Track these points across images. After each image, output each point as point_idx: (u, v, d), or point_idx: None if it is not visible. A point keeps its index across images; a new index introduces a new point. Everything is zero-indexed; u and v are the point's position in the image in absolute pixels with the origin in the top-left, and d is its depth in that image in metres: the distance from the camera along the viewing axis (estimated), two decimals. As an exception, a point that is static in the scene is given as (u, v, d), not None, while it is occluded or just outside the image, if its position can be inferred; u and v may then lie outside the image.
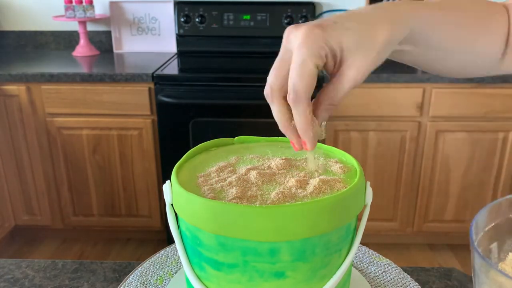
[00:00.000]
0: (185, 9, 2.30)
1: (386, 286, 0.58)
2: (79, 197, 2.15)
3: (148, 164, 2.07)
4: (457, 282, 0.62)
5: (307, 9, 2.28)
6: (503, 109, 1.94)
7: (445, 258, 2.17)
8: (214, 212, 0.40)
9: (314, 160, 0.49)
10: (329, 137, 2.01)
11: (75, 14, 2.24)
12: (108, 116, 2.00)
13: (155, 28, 2.40)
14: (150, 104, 1.96)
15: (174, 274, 0.61)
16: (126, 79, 1.93)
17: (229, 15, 2.30)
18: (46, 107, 1.99)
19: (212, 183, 0.46)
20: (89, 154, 2.07)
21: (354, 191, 0.43)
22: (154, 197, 2.13)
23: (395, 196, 2.11)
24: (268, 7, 2.29)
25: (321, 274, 0.44)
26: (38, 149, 2.07)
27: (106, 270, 0.66)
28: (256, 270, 0.42)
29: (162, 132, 1.98)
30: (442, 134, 1.99)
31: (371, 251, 0.65)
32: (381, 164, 2.05)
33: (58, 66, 2.12)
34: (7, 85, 1.97)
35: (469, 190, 2.08)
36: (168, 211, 0.47)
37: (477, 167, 2.04)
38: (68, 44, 2.47)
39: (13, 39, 2.47)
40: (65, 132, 2.04)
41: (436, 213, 2.13)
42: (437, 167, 2.04)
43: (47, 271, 0.66)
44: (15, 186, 2.14)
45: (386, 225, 2.16)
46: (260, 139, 0.57)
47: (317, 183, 0.45)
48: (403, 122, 1.98)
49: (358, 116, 1.97)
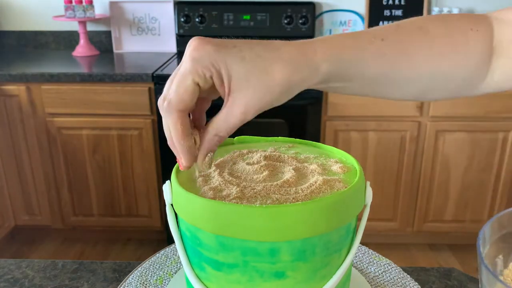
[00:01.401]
0: (185, 9, 2.30)
1: (386, 286, 0.58)
2: (79, 197, 2.15)
3: (148, 164, 2.07)
4: (457, 282, 0.62)
5: (307, 9, 2.28)
6: (503, 109, 1.94)
7: (445, 258, 2.17)
8: (214, 212, 0.40)
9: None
10: (329, 137, 2.01)
11: (75, 14, 2.24)
12: (108, 116, 2.00)
13: (155, 28, 2.40)
14: (150, 104, 1.96)
15: (174, 274, 0.61)
16: (126, 79, 1.93)
17: (229, 15, 2.30)
18: (46, 107, 1.99)
19: (212, 183, 0.46)
20: (89, 154, 2.07)
21: (354, 191, 0.43)
22: (154, 197, 2.13)
23: (395, 196, 2.11)
24: (268, 7, 2.29)
25: (321, 274, 0.44)
26: (38, 149, 2.06)
27: (106, 270, 0.66)
28: (256, 270, 0.42)
29: (162, 132, 1.96)
30: (442, 134, 1.99)
31: (371, 251, 0.65)
32: (381, 164, 2.05)
33: (58, 66, 2.12)
34: (7, 85, 1.97)
35: (469, 190, 2.08)
36: (168, 211, 0.47)
37: (477, 167, 2.04)
38: (68, 44, 2.47)
39: (13, 39, 2.47)
40: (65, 132, 2.04)
41: (436, 213, 2.13)
42: (437, 167, 2.04)
43: (47, 271, 0.66)
44: (15, 186, 2.14)
45: (386, 225, 2.16)
46: (260, 139, 0.57)
47: (316, 178, 0.45)
48: (403, 122, 1.98)
49: (358, 116, 1.97)
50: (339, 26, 2.38)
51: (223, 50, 0.38)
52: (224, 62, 0.38)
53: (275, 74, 0.39)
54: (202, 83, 0.39)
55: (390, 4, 2.30)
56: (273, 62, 0.39)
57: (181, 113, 0.40)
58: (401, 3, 2.30)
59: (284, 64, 0.40)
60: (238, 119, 0.40)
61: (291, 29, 2.29)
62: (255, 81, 0.39)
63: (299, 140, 0.57)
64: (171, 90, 0.39)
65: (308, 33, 2.29)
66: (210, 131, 0.42)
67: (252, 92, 0.39)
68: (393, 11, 2.31)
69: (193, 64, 0.38)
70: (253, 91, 0.39)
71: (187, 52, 0.39)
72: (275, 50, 0.40)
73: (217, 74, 0.39)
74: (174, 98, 0.39)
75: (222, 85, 0.39)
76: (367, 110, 1.95)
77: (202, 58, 0.38)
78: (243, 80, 0.39)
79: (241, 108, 0.39)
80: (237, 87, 0.39)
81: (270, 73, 0.39)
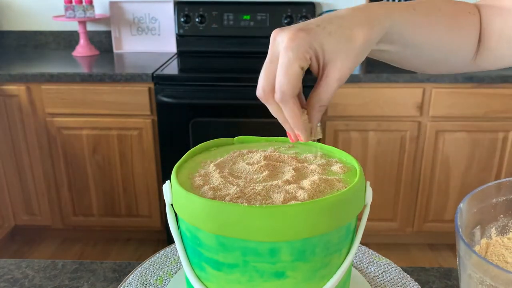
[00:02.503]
0: (185, 9, 2.30)
1: (386, 286, 0.58)
2: (79, 197, 2.15)
3: (148, 164, 2.07)
4: (457, 282, 0.62)
5: (307, 9, 2.28)
6: (503, 109, 1.93)
7: (445, 258, 2.17)
8: (214, 212, 0.40)
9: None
10: (329, 137, 2.01)
11: (75, 14, 2.24)
12: (108, 116, 2.00)
13: (155, 28, 2.40)
14: (150, 104, 1.96)
15: (174, 274, 0.61)
16: (126, 79, 1.93)
17: (229, 15, 2.30)
18: (46, 107, 1.99)
19: (212, 183, 0.46)
20: (89, 154, 2.07)
21: (354, 191, 0.43)
22: (154, 197, 2.13)
23: (395, 196, 2.11)
24: (268, 7, 2.29)
25: (321, 274, 0.44)
26: (38, 149, 2.06)
27: (106, 270, 0.66)
28: (256, 270, 0.42)
29: (162, 132, 1.98)
30: (442, 134, 1.99)
31: (371, 251, 0.65)
32: (381, 164, 2.05)
33: (58, 66, 2.12)
34: (7, 85, 1.97)
35: (469, 190, 2.07)
36: (168, 211, 0.47)
37: (477, 167, 2.04)
38: (68, 44, 2.47)
39: (13, 39, 2.47)
40: (65, 132, 2.04)
41: (436, 213, 2.13)
42: (437, 167, 2.04)
43: (47, 271, 0.66)
44: (15, 186, 2.14)
45: (386, 225, 2.16)
46: (260, 139, 0.57)
47: (315, 176, 0.45)
48: (403, 122, 1.98)
49: (358, 116, 1.97)
50: (339, 26, 2.38)
51: (312, 32, 0.44)
52: (317, 41, 0.44)
53: (358, 37, 0.45)
54: (306, 65, 0.44)
55: (390, 4, 2.30)
56: (353, 27, 0.45)
57: (295, 98, 0.45)
58: (401, 3, 2.30)
59: (363, 26, 0.45)
60: (336, 85, 0.45)
61: (291, 29, 2.29)
62: (344, 48, 0.44)
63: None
64: (282, 81, 0.43)
65: (308, 33, 2.29)
66: (314, 104, 0.47)
67: (343, 58, 0.44)
68: (393, 11, 2.31)
69: (294, 52, 0.43)
70: (344, 57, 0.44)
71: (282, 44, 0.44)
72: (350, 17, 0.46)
73: (314, 54, 0.44)
74: (287, 87, 0.43)
75: (317, 62, 0.45)
76: (367, 110, 1.95)
77: (301, 45, 0.43)
78: (335, 50, 0.44)
79: (337, 73, 0.45)
80: (331, 57, 0.44)
81: (354, 37, 0.45)
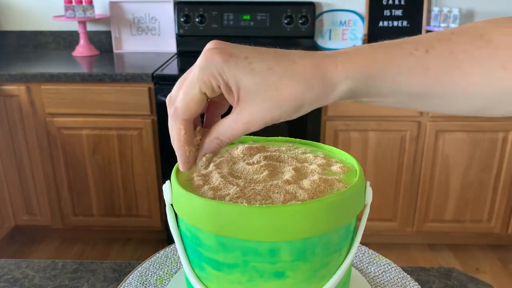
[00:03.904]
0: (185, 9, 2.30)
1: (386, 286, 0.58)
2: (79, 197, 2.15)
3: (148, 164, 2.07)
4: (457, 282, 0.62)
5: (307, 9, 2.28)
6: (503, 109, 1.93)
7: (445, 258, 2.17)
8: (214, 212, 0.40)
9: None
10: (329, 137, 2.01)
11: (75, 14, 2.24)
12: (108, 116, 2.00)
13: (155, 28, 2.40)
14: (150, 104, 1.96)
15: (174, 274, 0.61)
16: (126, 79, 1.93)
17: (229, 15, 2.30)
18: (46, 107, 1.99)
19: (212, 183, 0.46)
20: (89, 154, 2.07)
21: (354, 191, 0.43)
22: (154, 197, 2.13)
23: (395, 196, 2.11)
24: (268, 7, 2.29)
25: (321, 274, 0.44)
26: (38, 149, 2.07)
27: (106, 270, 0.66)
28: (256, 270, 0.42)
29: (162, 132, 1.98)
30: (442, 134, 1.99)
31: (371, 251, 0.65)
32: (381, 164, 2.05)
33: (58, 66, 2.12)
34: (7, 85, 1.97)
35: (469, 190, 2.08)
36: (168, 211, 0.47)
37: (477, 167, 2.04)
38: (68, 44, 2.47)
39: (13, 39, 2.47)
40: (65, 132, 2.04)
41: (436, 213, 2.13)
42: (437, 167, 2.04)
43: (47, 271, 0.66)
44: (15, 186, 2.14)
45: (386, 225, 2.16)
46: (260, 139, 0.57)
47: (315, 177, 0.45)
48: (403, 122, 1.98)
49: (358, 116, 1.97)
50: (339, 26, 2.38)
51: (232, 61, 0.37)
52: (232, 73, 0.37)
53: (284, 89, 0.37)
54: (209, 92, 0.38)
55: (390, 4, 2.30)
56: (284, 77, 0.37)
57: (186, 121, 0.40)
58: (401, 3, 2.30)
59: (296, 80, 0.37)
60: (242, 128, 0.39)
61: (291, 29, 2.29)
62: (263, 94, 0.37)
63: (299, 140, 0.57)
64: (179, 98, 0.39)
65: (308, 33, 2.29)
66: (212, 133, 0.41)
67: (260, 105, 0.38)
68: (393, 11, 2.31)
69: (200, 73, 0.38)
70: (261, 104, 0.38)
71: (198, 60, 0.38)
72: (289, 63, 0.38)
73: (224, 84, 0.38)
74: (180, 106, 0.39)
75: (231, 95, 0.39)
76: (367, 110, 1.95)
77: (209, 68, 0.37)
78: (251, 92, 0.37)
79: (247, 118, 0.38)
80: (245, 98, 0.38)
81: (279, 88, 0.37)
